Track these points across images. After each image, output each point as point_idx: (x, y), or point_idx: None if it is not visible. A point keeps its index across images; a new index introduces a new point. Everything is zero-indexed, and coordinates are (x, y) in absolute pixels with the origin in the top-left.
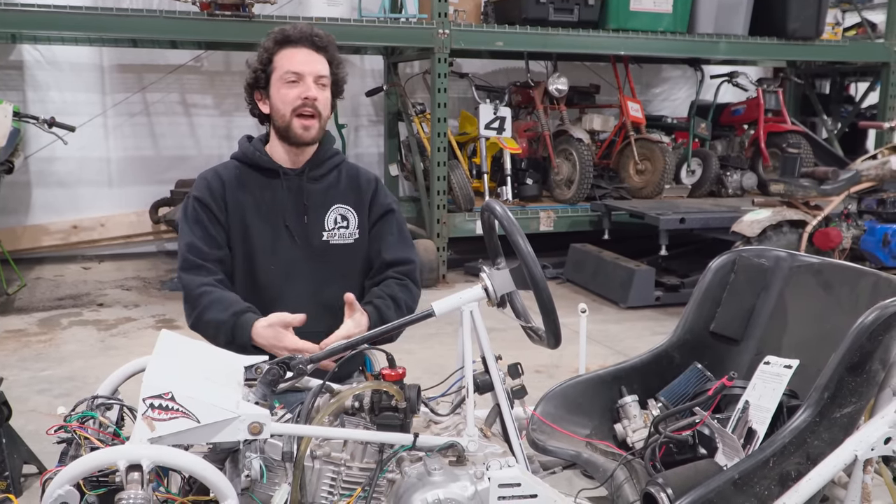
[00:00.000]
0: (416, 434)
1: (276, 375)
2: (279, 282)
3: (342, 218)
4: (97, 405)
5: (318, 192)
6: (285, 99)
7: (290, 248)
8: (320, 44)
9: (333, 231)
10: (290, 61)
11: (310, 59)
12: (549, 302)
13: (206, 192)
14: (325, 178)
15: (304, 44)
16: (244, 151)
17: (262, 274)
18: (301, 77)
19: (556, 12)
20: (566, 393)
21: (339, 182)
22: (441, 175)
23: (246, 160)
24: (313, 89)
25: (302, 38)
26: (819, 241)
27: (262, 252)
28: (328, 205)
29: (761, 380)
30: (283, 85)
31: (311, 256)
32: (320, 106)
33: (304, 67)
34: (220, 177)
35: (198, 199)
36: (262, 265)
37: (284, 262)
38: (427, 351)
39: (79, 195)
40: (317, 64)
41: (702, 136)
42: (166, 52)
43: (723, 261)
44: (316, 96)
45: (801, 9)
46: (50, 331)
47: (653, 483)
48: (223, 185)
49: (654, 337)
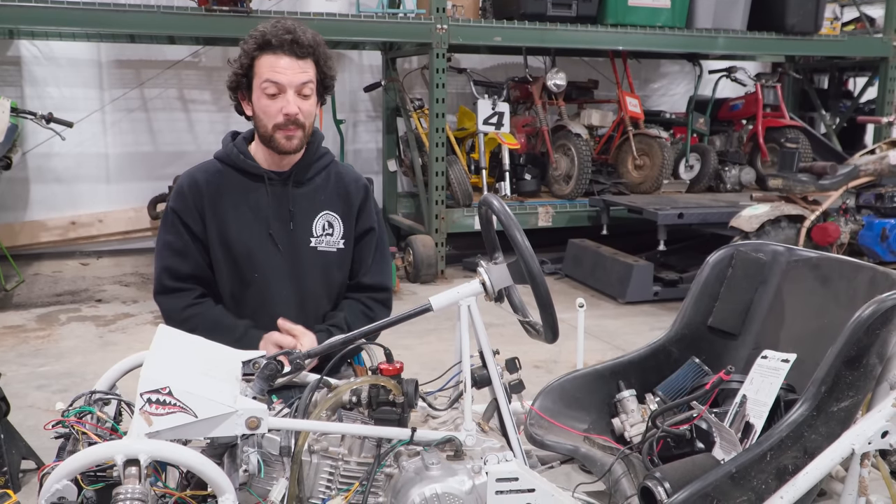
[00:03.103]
0: (413, 429)
1: (273, 370)
2: (263, 289)
3: (329, 225)
4: (95, 400)
5: (304, 197)
6: (267, 111)
7: (273, 255)
8: (302, 52)
9: (321, 237)
10: (271, 70)
11: (291, 67)
12: (547, 296)
13: (181, 204)
14: (311, 182)
15: (285, 51)
16: (227, 153)
17: (246, 282)
18: (282, 88)
19: (555, 7)
20: (564, 388)
21: (328, 186)
22: (439, 170)
23: (228, 162)
24: (293, 103)
25: (283, 45)
26: (817, 236)
27: (245, 260)
28: (316, 210)
29: (759, 374)
30: (263, 95)
31: (295, 263)
32: (302, 118)
33: (285, 78)
34: (196, 184)
35: (174, 210)
36: (246, 273)
37: (268, 269)
38: (425, 346)
39: (77, 191)
40: (299, 73)
41: (700, 131)
42: (164, 48)
43: (720, 255)
44: (297, 111)
45: (799, 4)
46: (48, 327)
47: (650, 477)
48: (200, 194)
49: (652, 332)
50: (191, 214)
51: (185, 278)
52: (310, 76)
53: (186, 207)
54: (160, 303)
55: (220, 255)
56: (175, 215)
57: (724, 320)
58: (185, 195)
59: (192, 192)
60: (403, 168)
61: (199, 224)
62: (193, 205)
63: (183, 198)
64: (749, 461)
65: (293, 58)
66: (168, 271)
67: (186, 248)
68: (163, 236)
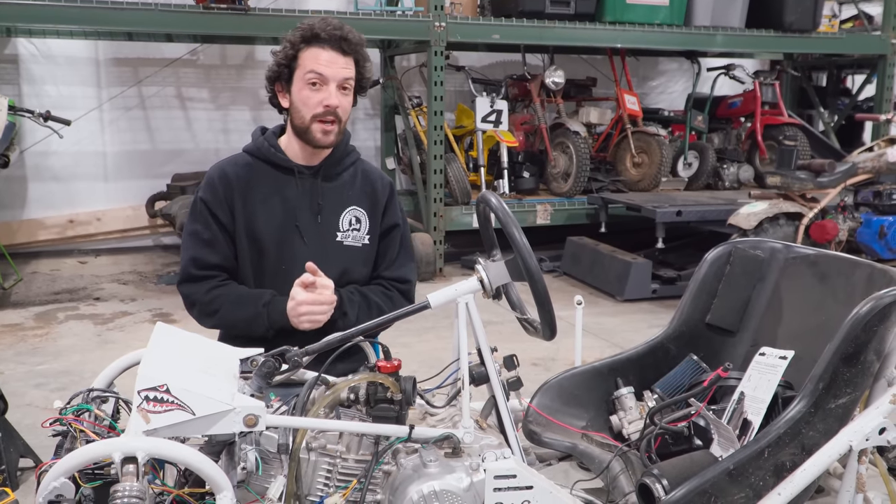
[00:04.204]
0: (411, 426)
1: (271, 368)
2: (289, 281)
3: (356, 220)
4: (93, 398)
5: (332, 192)
6: (307, 102)
7: (300, 248)
8: (349, 48)
9: (347, 232)
10: (316, 61)
11: (336, 61)
12: (545, 293)
13: (210, 195)
14: (340, 177)
15: (332, 45)
16: (258, 146)
17: (272, 273)
18: (325, 81)
19: (553, 5)
20: (562, 385)
21: (355, 182)
22: (438, 168)
23: (259, 155)
24: (335, 96)
25: (331, 40)
26: (815, 234)
27: (272, 251)
28: (344, 205)
29: (757, 371)
30: (305, 85)
31: (322, 256)
32: (341, 112)
33: (330, 71)
34: (227, 176)
35: (203, 200)
36: (272, 265)
37: (294, 261)
38: (423, 344)
39: (75, 189)
40: (343, 68)
41: (698, 128)
42: (162, 46)
43: (719, 252)
44: (338, 104)
45: (797, 1)
46: (46, 325)
47: (648, 474)
48: (230, 186)
49: (650, 329)
50: (220, 205)
51: (211, 267)
52: (352, 73)
53: (216, 198)
54: (184, 291)
55: (246, 246)
56: (204, 205)
57: (722, 317)
58: (215, 186)
59: (223, 184)
60: (402, 166)
61: (228, 215)
62: (224, 196)
63: (213, 188)
64: (747, 458)
65: (339, 53)
66: (195, 261)
67: (214, 239)
68: (190, 226)
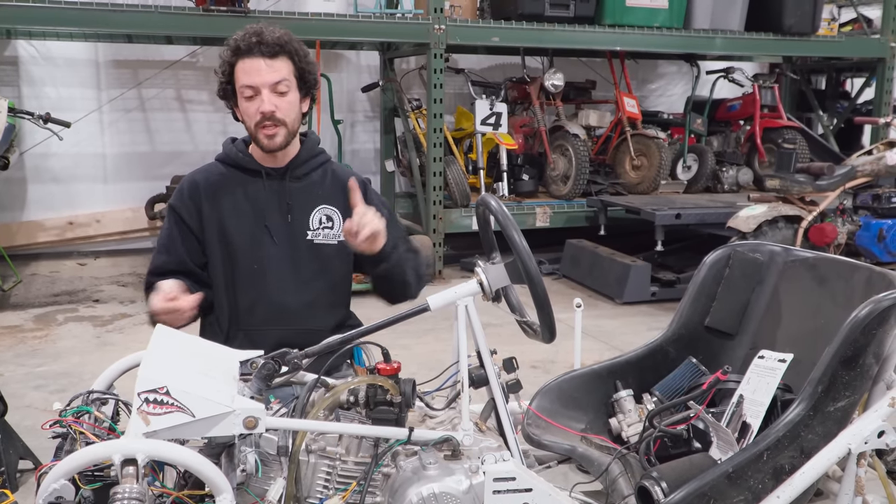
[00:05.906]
0: (411, 428)
1: (271, 370)
2: (261, 281)
3: (327, 218)
4: (92, 400)
5: (301, 191)
6: (247, 113)
7: (270, 247)
8: (270, 51)
9: (318, 230)
10: (246, 75)
11: (261, 68)
12: (544, 296)
13: (178, 200)
14: (308, 177)
15: (254, 54)
16: (227, 153)
17: (245, 274)
18: (256, 90)
19: (552, 8)
20: (561, 387)
21: (324, 182)
22: (437, 171)
23: (228, 161)
24: (268, 102)
25: (251, 49)
26: (814, 237)
27: (243, 252)
28: (312, 205)
29: (756, 374)
30: (242, 99)
31: (293, 255)
32: (281, 114)
33: (257, 79)
34: (195, 182)
35: (171, 206)
36: (244, 265)
37: (265, 261)
38: (423, 346)
39: (74, 191)
40: (270, 73)
41: (698, 131)
42: (162, 48)
43: (718, 255)
44: (272, 109)
45: (796, 4)
46: (46, 327)
47: (647, 477)
48: (197, 191)
49: (649, 332)
50: (187, 209)
51: (164, 274)
52: (282, 74)
53: (183, 203)
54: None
55: (217, 249)
56: (171, 210)
57: (722, 320)
58: (183, 192)
59: (191, 189)
60: (401, 168)
61: (196, 218)
62: (191, 199)
63: (181, 195)
64: (746, 461)
65: (262, 58)
66: (152, 270)
67: (171, 244)
68: (162, 234)
